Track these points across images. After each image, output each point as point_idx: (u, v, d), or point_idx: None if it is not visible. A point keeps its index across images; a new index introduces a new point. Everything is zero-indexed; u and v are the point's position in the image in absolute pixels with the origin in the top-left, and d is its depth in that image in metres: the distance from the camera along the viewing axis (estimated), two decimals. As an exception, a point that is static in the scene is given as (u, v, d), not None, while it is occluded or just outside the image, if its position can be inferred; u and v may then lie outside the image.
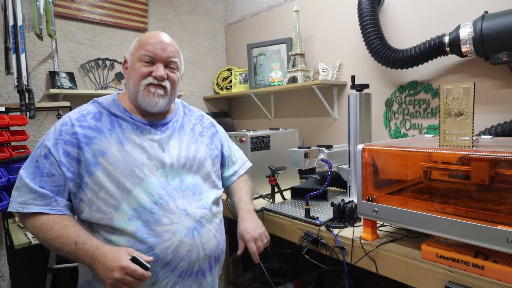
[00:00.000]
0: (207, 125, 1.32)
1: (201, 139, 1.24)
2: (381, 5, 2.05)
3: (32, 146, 2.30)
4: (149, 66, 1.09)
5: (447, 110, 1.07)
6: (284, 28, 2.70)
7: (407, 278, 1.11)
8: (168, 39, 1.13)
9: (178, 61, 1.15)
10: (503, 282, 0.91)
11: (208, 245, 1.10)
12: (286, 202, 1.77)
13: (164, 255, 1.01)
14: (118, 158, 1.03)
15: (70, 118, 1.07)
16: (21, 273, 2.15)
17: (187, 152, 1.16)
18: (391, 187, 1.27)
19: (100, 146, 1.03)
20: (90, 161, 1.02)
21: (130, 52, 1.13)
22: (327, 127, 2.49)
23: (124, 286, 0.92)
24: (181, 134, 1.19)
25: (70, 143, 1.02)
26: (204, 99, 3.25)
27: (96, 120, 1.08)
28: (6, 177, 1.64)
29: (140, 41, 1.11)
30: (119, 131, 1.08)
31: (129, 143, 1.07)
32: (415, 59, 1.75)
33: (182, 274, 1.04)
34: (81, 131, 1.04)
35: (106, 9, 2.64)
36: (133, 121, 1.11)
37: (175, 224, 1.04)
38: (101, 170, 1.02)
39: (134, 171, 1.03)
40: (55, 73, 2.37)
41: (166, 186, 1.07)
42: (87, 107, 1.12)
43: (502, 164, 1.06)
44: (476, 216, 1.00)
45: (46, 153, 1.02)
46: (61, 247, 0.97)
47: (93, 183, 1.02)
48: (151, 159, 1.07)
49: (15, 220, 2.04)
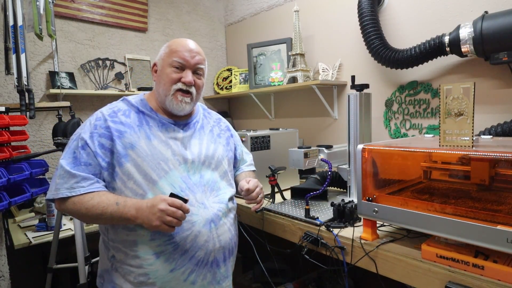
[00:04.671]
0: (224, 128, 1.42)
1: (219, 140, 1.34)
2: (381, 5, 2.05)
3: (32, 146, 2.30)
4: (179, 72, 1.19)
5: (447, 110, 1.07)
6: (284, 28, 2.70)
7: (407, 278, 1.11)
8: (196, 47, 1.24)
9: (204, 68, 1.25)
10: (503, 282, 0.91)
11: (223, 237, 1.18)
12: (286, 202, 1.77)
13: (183, 243, 1.09)
14: (146, 151, 1.12)
15: (103, 114, 1.16)
16: (21, 273, 2.15)
17: (207, 150, 1.25)
18: (391, 187, 1.27)
19: (130, 139, 1.12)
20: (121, 153, 1.10)
21: (161, 57, 1.23)
22: (327, 127, 2.49)
23: (168, 217, 1.01)
24: (201, 134, 1.29)
25: (104, 136, 1.11)
26: (204, 99, 3.25)
27: (126, 117, 1.17)
28: (6, 177, 1.64)
29: (171, 48, 1.21)
30: (146, 128, 1.17)
31: (156, 139, 1.16)
32: (415, 59, 1.75)
33: (199, 263, 1.12)
34: (114, 126, 1.13)
35: (106, 9, 2.64)
36: (159, 119, 1.21)
37: (194, 215, 1.11)
38: (130, 162, 1.10)
39: (160, 164, 1.12)
40: (55, 73, 2.37)
41: (187, 180, 1.15)
42: (118, 105, 1.22)
43: (502, 164, 1.06)
44: (476, 216, 1.00)
45: (83, 144, 1.10)
46: (103, 211, 1.05)
47: (123, 173, 1.10)
48: (175, 154, 1.16)
49: (15, 220, 2.04)
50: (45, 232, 1.88)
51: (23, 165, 1.78)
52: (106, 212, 1.05)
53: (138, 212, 1.03)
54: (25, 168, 1.77)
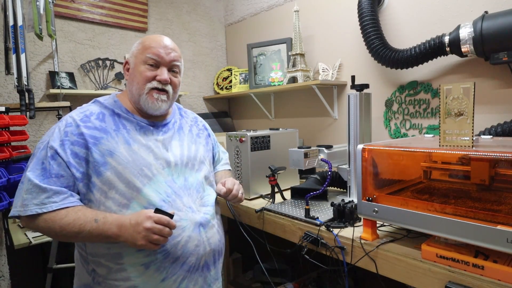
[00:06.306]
0: (201, 127, 1.38)
1: (199, 140, 1.30)
2: (381, 5, 2.05)
3: (32, 146, 2.30)
4: (153, 69, 1.12)
5: (447, 110, 1.07)
6: (284, 28, 2.70)
7: (407, 278, 1.11)
8: (171, 43, 1.17)
9: (180, 65, 1.19)
10: (503, 282, 0.91)
11: (213, 240, 1.15)
12: (286, 202, 1.77)
13: (174, 250, 1.04)
14: (127, 158, 1.05)
15: (74, 119, 1.06)
16: (21, 273, 2.15)
17: (189, 152, 1.20)
18: (391, 187, 1.27)
19: (108, 146, 1.04)
20: (99, 161, 1.02)
21: (133, 54, 1.15)
22: (327, 127, 2.49)
23: (155, 236, 0.95)
24: (181, 135, 1.23)
25: (77, 143, 1.02)
26: (204, 99, 3.25)
27: (100, 121, 1.08)
28: (6, 177, 1.64)
29: (144, 44, 1.13)
30: (124, 132, 1.09)
31: (136, 143, 1.09)
32: (415, 59, 1.75)
33: (191, 268, 1.08)
34: (88, 132, 1.04)
35: (106, 9, 2.64)
36: (137, 122, 1.13)
37: (183, 220, 1.07)
38: (110, 170, 1.02)
39: (143, 170, 1.06)
40: (55, 73, 2.37)
41: (172, 185, 1.10)
42: (89, 108, 1.12)
43: (502, 164, 1.06)
44: (476, 216, 1.00)
45: (52, 154, 1.00)
46: (80, 229, 0.96)
47: (102, 183, 1.02)
48: (158, 158, 1.10)
49: (15, 220, 2.04)
50: (45, 232, 1.88)
51: (23, 165, 1.78)
52: (83, 230, 0.95)
53: (121, 230, 0.95)
54: (25, 168, 1.77)
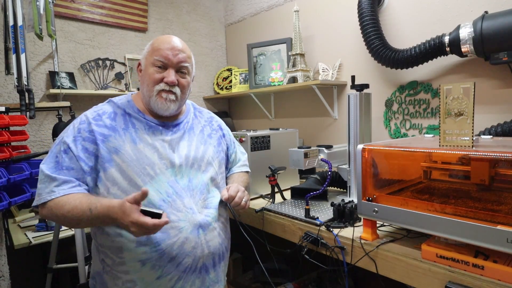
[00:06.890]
0: (216, 127, 1.36)
1: (210, 141, 1.28)
2: (381, 5, 2.05)
3: (32, 146, 2.30)
4: (161, 71, 1.14)
5: (447, 110, 1.07)
6: (284, 28, 2.70)
7: (407, 278, 1.11)
8: (180, 44, 1.17)
9: (189, 66, 1.19)
10: (503, 282, 0.91)
11: (213, 243, 1.14)
12: (286, 202, 1.77)
13: (169, 250, 1.05)
14: (131, 156, 1.08)
15: (87, 117, 1.12)
16: (21, 273, 2.15)
17: (196, 152, 1.20)
18: (391, 187, 1.27)
19: (115, 144, 1.08)
20: (105, 158, 1.07)
21: (144, 56, 1.18)
22: (327, 127, 2.49)
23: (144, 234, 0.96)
24: (191, 135, 1.23)
25: (88, 139, 1.08)
26: (204, 99, 3.25)
27: (111, 120, 1.13)
28: (6, 177, 1.64)
29: (153, 46, 1.16)
30: (132, 131, 1.13)
31: (142, 142, 1.11)
32: (415, 59, 1.75)
33: (187, 269, 1.08)
34: (98, 129, 1.09)
35: (106, 9, 2.64)
36: (146, 121, 1.16)
37: (181, 221, 1.08)
38: (114, 167, 1.07)
39: (145, 169, 1.08)
40: (55, 73, 2.37)
41: (175, 185, 1.11)
42: (103, 107, 1.17)
43: (502, 164, 1.06)
44: (476, 216, 1.00)
45: (65, 148, 1.07)
46: (79, 218, 1.00)
47: (106, 179, 1.06)
48: (162, 158, 1.12)
49: (15, 220, 2.04)
50: (45, 232, 1.88)
51: (23, 165, 1.78)
52: (82, 219, 1.00)
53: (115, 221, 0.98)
54: (25, 168, 1.77)
